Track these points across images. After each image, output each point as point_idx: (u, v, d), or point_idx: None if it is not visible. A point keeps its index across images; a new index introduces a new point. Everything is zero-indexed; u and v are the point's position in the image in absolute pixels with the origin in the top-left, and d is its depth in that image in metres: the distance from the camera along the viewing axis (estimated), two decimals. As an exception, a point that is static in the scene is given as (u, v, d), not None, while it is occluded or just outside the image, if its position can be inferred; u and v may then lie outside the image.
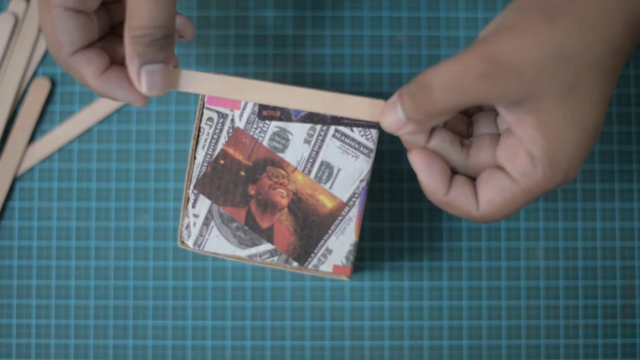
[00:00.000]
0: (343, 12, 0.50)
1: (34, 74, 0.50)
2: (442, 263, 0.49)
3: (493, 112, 0.36)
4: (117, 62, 0.36)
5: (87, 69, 0.34)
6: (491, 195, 0.33)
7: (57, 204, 0.49)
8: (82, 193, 0.49)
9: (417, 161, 0.34)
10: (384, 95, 0.50)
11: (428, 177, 0.34)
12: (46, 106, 0.50)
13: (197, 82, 0.35)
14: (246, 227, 0.37)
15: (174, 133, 0.49)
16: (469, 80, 0.31)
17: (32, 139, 0.49)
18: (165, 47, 0.33)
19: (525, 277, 0.49)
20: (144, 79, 0.33)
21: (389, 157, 0.49)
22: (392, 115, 0.33)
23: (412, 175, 0.49)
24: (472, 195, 0.34)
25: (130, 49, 0.32)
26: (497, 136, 0.35)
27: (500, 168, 0.34)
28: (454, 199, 0.34)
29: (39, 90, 0.49)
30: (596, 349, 0.48)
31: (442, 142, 0.35)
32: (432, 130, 0.35)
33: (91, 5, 0.34)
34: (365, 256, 0.49)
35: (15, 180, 0.49)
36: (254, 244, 0.37)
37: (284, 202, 0.37)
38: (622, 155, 0.49)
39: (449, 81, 0.31)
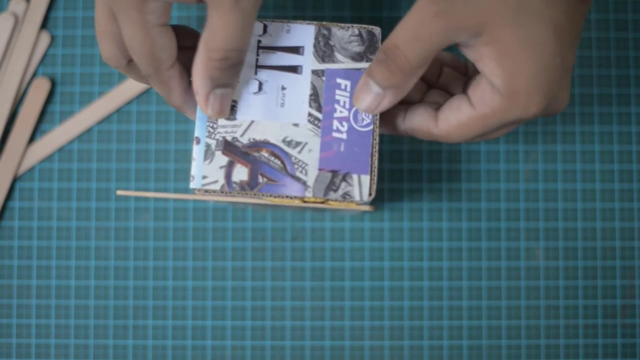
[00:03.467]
0: (343, 12, 0.50)
1: (34, 74, 0.50)
2: (442, 263, 0.49)
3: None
4: None
5: (180, 82, 0.34)
6: (448, 115, 0.34)
7: (57, 204, 0.49)
8: (82, 193, 0.49)
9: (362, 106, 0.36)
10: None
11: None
12: (46, 106, 0.50)
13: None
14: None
15: (174, 133, 0.49)
16: (426, 25, 0.32)
17: (32, 139, 0.49)
18: (238, 71, 0.33)
19: (525, 277, 0.49)
20: (212, 103, 0.33)
21: (389, 157, 0.49)
22: (366, 94, 0.34)
23: (412, 176, 0.49)
24: (432, 118, 0.35)
25: (203, 71, 0.32)
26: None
27: (464, 96, 0.35)
28: (412, 122, 0.35)
29: (39, 90, 0.49)
30: (596, 349, 0.48)
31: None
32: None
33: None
34: (365, 256, 0.49)
35: (15, 180, 0.49)
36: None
37: None
38: (622, 155, 0.49)
39: (411, 33, 0.32)
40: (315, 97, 0.35)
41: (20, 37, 0.49)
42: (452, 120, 0.34)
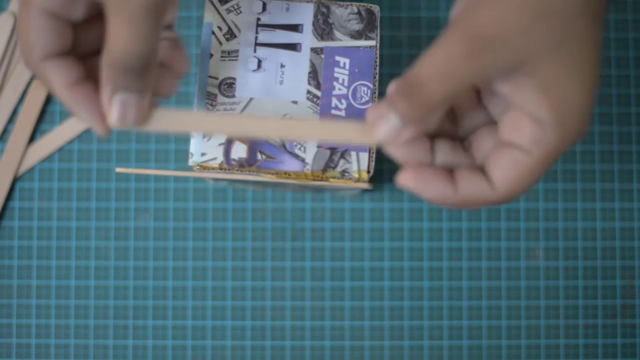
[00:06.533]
0: None
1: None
2: (442, 263, 0.49)
3: (479, 107, 0.35)
4: (96, 81, 0.34)
5: (57, 77, 0.32)
6: (507, 173, 0.31)
7: (57, 204, 0.49)
8: (82, 193, 0.49)
9: (410, 183, 0.32)
10: (385, 96, 0.50)
11: (428, 191, 0.32)
12: (46, 106, 0.50)
13: (169, 119, 0.32)
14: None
15: (174, 133, 0.50)
16: (457, 64, 0.29)
17: (32, 139, 0.49)
18: (142, 75, 0.30)
19: (525, 277, 0.49)
20: (115, 109, 0.31)
21: (389, 157, 0.49)
22: (384, 124, 0.31)
23: (412, 175, 0.49)
24: (484, 181, 0.32)
25: (104, 72, 0.31)
26: (493, 124, 0.34)
27: (508, 145, 0.32)
28: (466, 193, 0.32)
29: (39, 90, 0.49)
30: (596, 349, 0.48)
31: (445, 155, 0.33)
32: (432, 145, 0.34)
33: (74, 15, 0.32)
34: (365, 256, 0.49)
35: (15, 180, 0.49)
36: None
37: None
38: (622, 155, 0.49)
39: (438, 71, 0.30)
40: (314, 75, 0.36)
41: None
42: (513, 176, 0.31)
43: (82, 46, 0.34)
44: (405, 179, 0.32)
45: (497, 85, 0.31)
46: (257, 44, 0.36)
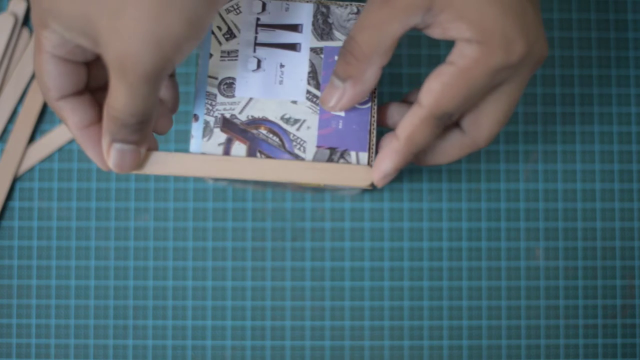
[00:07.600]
0: None
1: (34, 74, 0.50)
2: (442, 263, 0.49)
3: None
4: None
5: (70, 118, 0.33)
6: (429, 85, 0.33)
7: (57, 204, 0.49)
8: (82, 193, 0.49)
9: (378, 175, 0.35)
10: (384, 95, 0.50)
11: (387, 164, 0.34)
12: (46, 106, 0.50)
13: (166, 162, 0.35)
14: None
15: (173, 133, 0.50)
16: (376, 15, 0.32)
17: (32, 139, 0.50)
18: (138, 131, 0.32)
19: (525, 277, 0.49)
20: (112, 155, 0.33)
21: (389, 157, 0.49)
22: (332, 91, 0.34)
23: (412, 177, 0.49)
24: (412, 106, 0.34)
25: (104, 122, 0.32)
26: None
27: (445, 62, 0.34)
28: (402, 129, 0.34)
29: (39, 90, 0.49)
30: (596, 349, 0.48)
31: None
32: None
33: (84, 58, 0.33)
34: (365, 256, 0.49)
35: (15, 180, 0.49)
36: None
37: None
38: (622, 155, 0.49)
39: (364, 24, 0.32)
40: (313, 75, 0.36)
41: (22, 39, 0.49)
42: (434, 86, 0.32)
43: (97, 80, 0.35)
44: (376, 179, 0.34)
45: (433, 33, 0.33)
46: (256, 44, 0.36)
